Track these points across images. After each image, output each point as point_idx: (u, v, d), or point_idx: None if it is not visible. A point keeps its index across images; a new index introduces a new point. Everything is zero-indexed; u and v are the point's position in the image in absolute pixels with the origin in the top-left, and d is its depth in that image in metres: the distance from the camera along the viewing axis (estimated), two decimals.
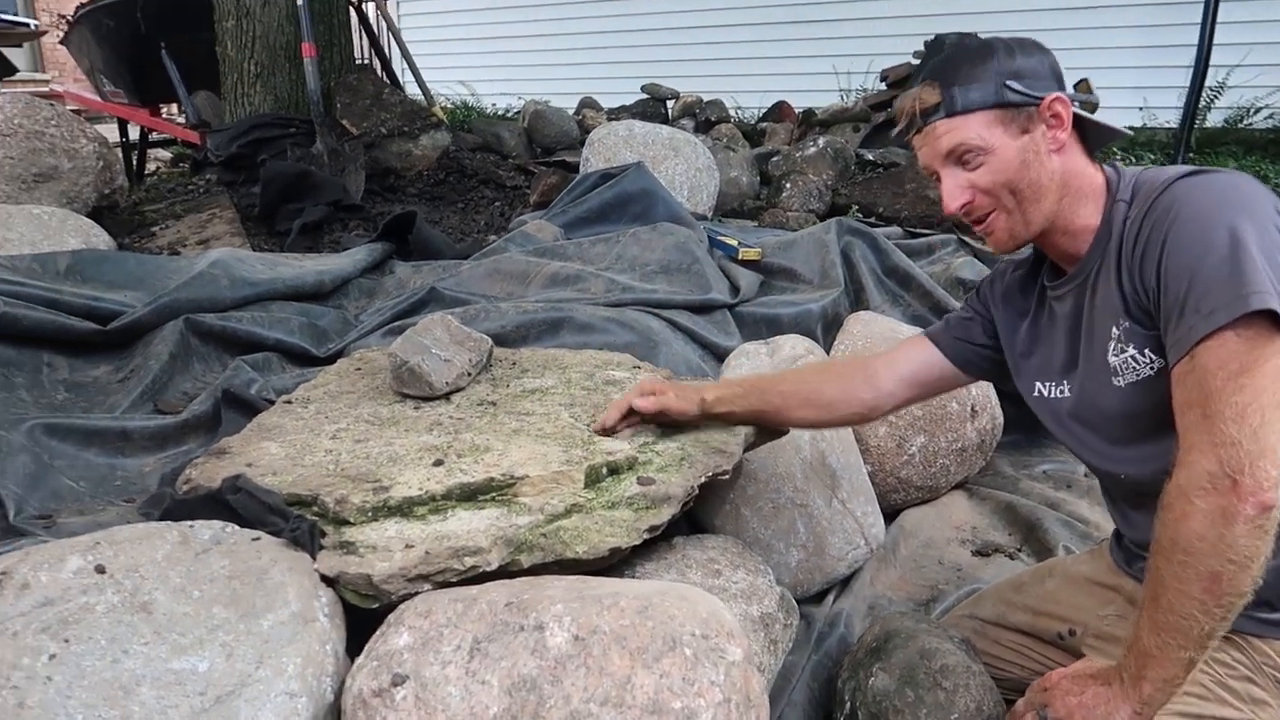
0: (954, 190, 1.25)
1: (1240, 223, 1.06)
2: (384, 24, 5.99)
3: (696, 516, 1.85)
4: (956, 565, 2.06)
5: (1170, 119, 5.14)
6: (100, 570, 1.13)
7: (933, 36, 5.00)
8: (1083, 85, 4.49)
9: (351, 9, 4.85)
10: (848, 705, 1.49)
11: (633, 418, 1.58)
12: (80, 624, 1.06)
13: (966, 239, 3.23)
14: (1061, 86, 1.24)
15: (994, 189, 1.23)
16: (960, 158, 1.23)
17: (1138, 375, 1.20)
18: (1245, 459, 1.01)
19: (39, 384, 1.92)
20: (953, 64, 1.24)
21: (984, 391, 2.26)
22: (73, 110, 3.61)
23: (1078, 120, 1.25)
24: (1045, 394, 1.38)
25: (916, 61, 5.12)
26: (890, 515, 2.18)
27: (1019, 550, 2.11)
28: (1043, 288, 1.38)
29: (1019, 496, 2.28)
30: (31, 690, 0.98)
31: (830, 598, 1.88)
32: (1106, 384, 1.24)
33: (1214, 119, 5.34)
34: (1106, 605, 1.47)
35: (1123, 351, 1.21)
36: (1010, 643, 1.59)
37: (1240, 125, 5.28)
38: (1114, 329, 1.21)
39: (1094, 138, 1.29)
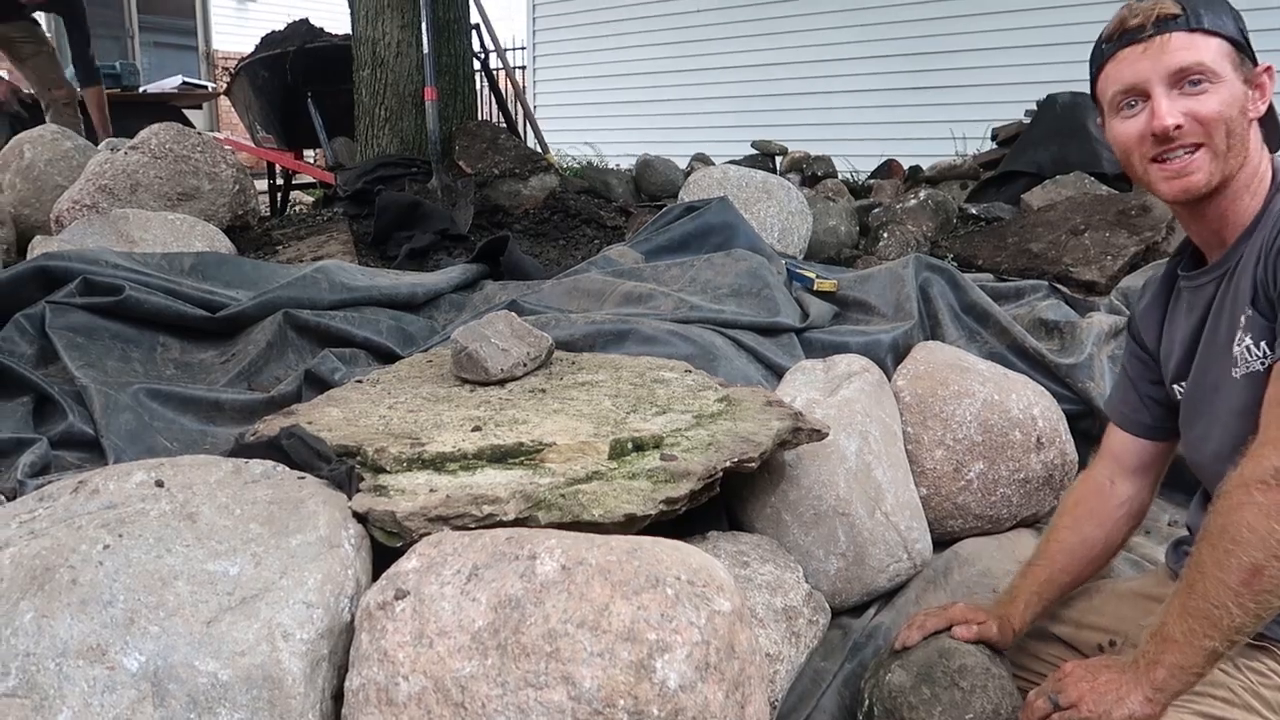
0: (1172, 109, 1.15)
1: None
2: (507, 79, 6.38)
3: (737, 518, 1.88)
4: None
5: None
6: (159, 484, 1.27)
7: (1045, 96, 4.96)
8: None
9: (476, 60, 5.22)
10: (866, 703, 1.48)
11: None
12: (134, 524, 1.19)
13: (1059, 286, 3.16)
14: None
15: (1216, 120, 1.14)
16: (1189, 79, 1.15)
17: (1248, 367, 1.16)
18: None
19: (152, 360, 2.13)
20: None
21: (1051, 424, 2.20)
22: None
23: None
24: (1181, 390, 1.33)
25: (1028, 120, 5.08)
26: (948, 543, 2.14)
27: None
28: (1177, 281, 1.33)
29: None
30: (85, 570, 1.11)
31: (871, 611, 1.86)
32: (1225, 374, 1.20)
33: None
34: (1149, 616, 1.42)
35: (1243, 341, 1.17)
36: (1049, 656, 1.54)
37: None
38: (1241, 318, 1.17)
39: (1269, 130, 1.24)
